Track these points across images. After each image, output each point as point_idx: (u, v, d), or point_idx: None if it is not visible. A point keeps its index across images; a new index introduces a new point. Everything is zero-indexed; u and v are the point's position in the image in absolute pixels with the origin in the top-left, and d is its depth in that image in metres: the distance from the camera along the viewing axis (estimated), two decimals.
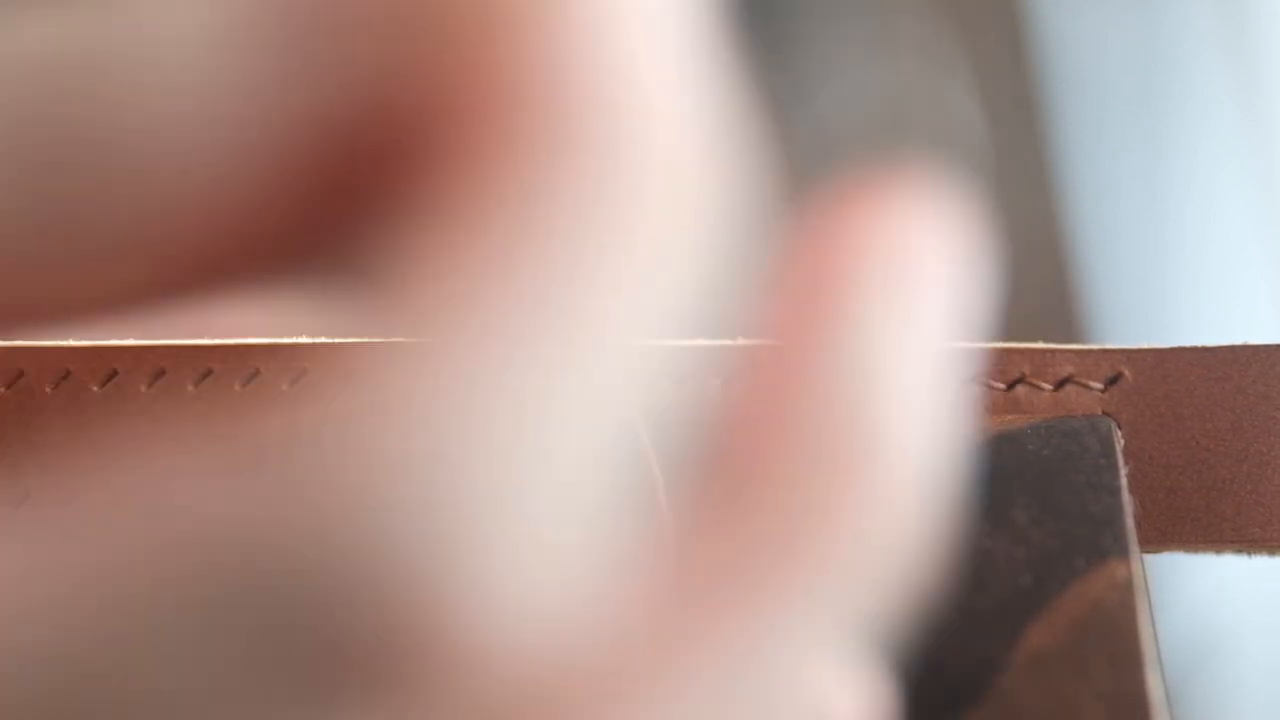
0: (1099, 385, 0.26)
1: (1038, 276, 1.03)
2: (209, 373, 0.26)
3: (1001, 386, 0.27)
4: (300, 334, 0.27)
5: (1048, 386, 0.26)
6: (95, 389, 0.26)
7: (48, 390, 0.26)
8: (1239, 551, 0.27)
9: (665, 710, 0.16)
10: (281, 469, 0.15)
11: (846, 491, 0.17)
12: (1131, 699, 0.23)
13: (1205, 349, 0.27)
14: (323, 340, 0.26)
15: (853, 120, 1.02)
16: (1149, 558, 0.26)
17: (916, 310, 0.19)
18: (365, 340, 0.27)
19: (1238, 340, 0.27)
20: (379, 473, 0.15)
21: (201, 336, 0.26)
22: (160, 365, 0.26)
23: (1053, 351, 0.27)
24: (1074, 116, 1.03)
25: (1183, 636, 0.95)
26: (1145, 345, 0.27)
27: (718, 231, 0.17)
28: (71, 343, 0.26)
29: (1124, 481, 0.25)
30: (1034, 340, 0.27)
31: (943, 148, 1.03)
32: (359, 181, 0.17)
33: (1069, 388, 0.26)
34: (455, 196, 0.16)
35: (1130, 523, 0.24)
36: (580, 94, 0.16)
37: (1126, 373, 0.27)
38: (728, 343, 0.27)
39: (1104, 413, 0.26)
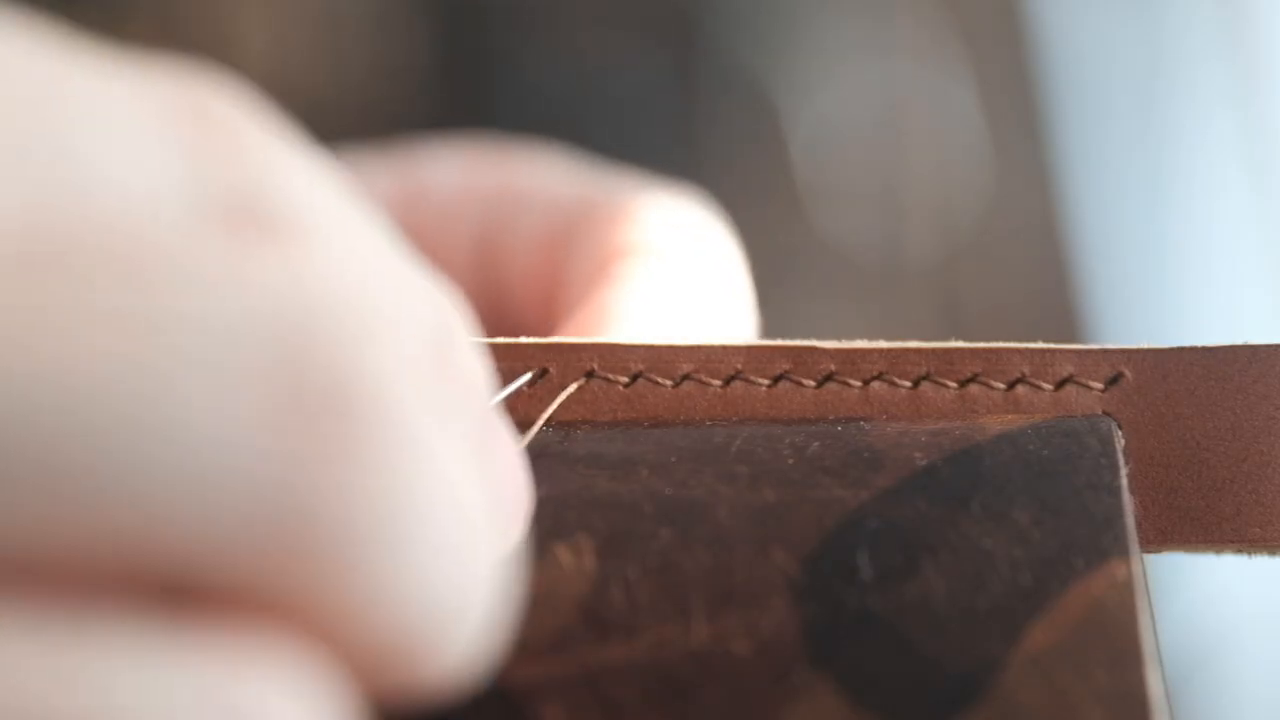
0: (1099, 385, 0.26)
1: (1038, 277, 1.03)
2: None
3: (1001, 386, 0.27)
4: None
5: (1048, 386, 0.26)
6: None
7: None
8: (1239, 551, 0.27)
9: None
10: None
11: None
12: (1131, 699, 0.23)
13: (1205, 349, 0.27)
14: None
15: (853, 120, 1.02)
16: (1149, 558, 0.26)
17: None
18: None
19: (1238, 340, 0.27)
20: None
21: None
22: None
23: (1053, 351, 0.27)
24: (1074, 117, 1.03)
25: (1183, 636, 0.95)
26: (1145, 345, 0.27)
27: None
28: None
29: (1124, 481, 0.25)
30: (1034, 340, 0.27)
31: (943, 148, 1.03)
32: None
33: (1069, 388, 0.26)
34: None
35: (1130, 523, 0.24)
36: None
37: (1126, 373, 0.26)
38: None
39: (1104, 413, 0.26)
